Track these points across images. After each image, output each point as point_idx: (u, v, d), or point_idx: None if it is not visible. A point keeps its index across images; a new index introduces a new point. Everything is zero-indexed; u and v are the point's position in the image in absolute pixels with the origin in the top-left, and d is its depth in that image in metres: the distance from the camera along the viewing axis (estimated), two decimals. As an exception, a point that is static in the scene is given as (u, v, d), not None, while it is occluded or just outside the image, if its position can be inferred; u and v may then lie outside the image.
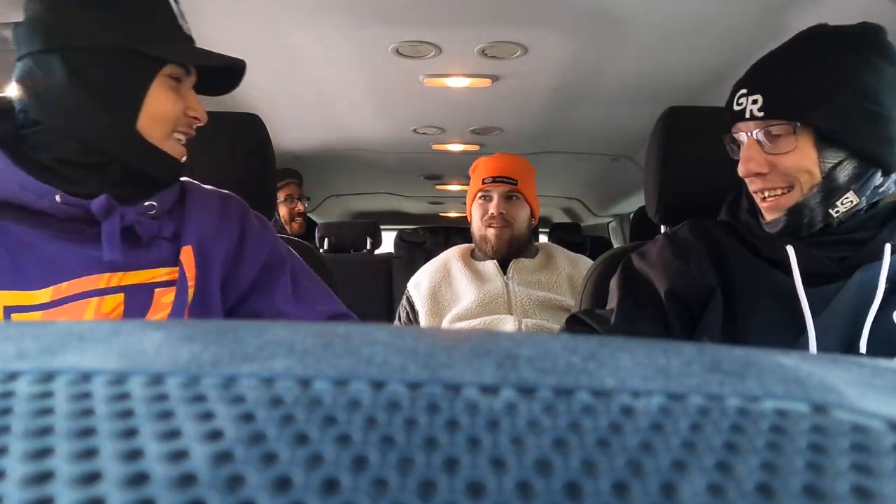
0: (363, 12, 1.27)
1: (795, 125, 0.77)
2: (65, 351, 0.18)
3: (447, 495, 0.13)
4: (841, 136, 0.76)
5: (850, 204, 0.78)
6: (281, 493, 0.12)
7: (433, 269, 1.65)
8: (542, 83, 1.70)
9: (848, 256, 0.80)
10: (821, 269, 0.80)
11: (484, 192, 1.60)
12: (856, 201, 0.78)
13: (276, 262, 0.88)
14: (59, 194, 0.72)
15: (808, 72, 0.78)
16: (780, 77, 0.79)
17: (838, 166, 0.77)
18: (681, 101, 1.20)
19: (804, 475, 0.13)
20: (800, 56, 0.80)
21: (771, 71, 0.81)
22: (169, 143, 0.78)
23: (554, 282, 1.56)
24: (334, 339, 0.18)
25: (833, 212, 0.78)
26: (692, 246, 0.88)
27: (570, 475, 0.13)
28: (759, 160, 0.80)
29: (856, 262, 0.79)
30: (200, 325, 0.20)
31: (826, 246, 0.81)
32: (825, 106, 0.76)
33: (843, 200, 0.78)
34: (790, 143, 0.78)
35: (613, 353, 0.18)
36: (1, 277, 0.70)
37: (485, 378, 0.16)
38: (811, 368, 0.18)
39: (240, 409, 0.15)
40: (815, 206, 0.78)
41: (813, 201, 0.78)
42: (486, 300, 1.51)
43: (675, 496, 0.13)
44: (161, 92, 0.76)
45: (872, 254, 0.78)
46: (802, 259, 0.80)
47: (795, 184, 0.79)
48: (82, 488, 0.12)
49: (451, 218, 4.68)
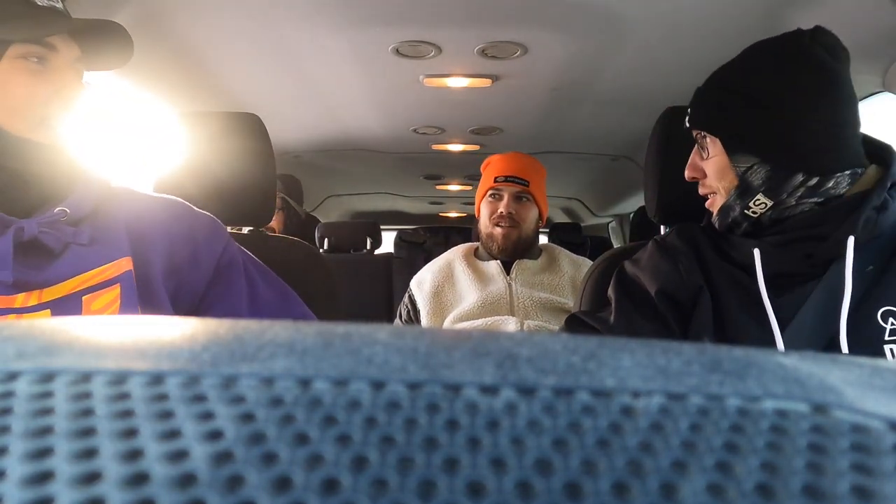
0: (363, 12, 1.27)
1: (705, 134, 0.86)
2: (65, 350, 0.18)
3: (447, 495, 0.13)
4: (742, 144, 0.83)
5: (764, 205, 0.83)
6: (281, 493, 0.12)
7: (437, 268, 1.65)
8: (542, 83, 1.70)
9: (812, 254, 0.81)
10: (787, 269, 0.82)
11: (494, 191, 1.59)
12: (769, 203, 0.82)
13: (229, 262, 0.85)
14: None
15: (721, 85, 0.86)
16: (702, 90, 0.88)
17: (749, 171, 0.83)
18: (681, 101, 1.20)
19: (804, 475, 0.13)
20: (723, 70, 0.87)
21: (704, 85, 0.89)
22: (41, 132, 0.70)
23: (557, 283, 1.57)
24: (334, 339, 0.18)
25: (749, 212, 0.84)
26: (679, 249, 0.90)
27: (570, 475, 0.13)
28: (694, 166, 0.90)
29: (823, 259, 0.80)
30: (200, 325, 0.20)
31: (790, 245, 0.82)
32: (728, 117, 0.83)
33: (756, 202, 0.83)
34: (712, 150, 0.86)
35: (613, 353, 0.18)
36: None
37: (485, 378, 0.16)
38: (811, 368, 0.18)
39: (240, 409, 0.15)
40: (736, 206, 0.85)
41: (734, 203, 0.85)
42: (489, 300, 1.51)
43: (675, 496, 0.13)
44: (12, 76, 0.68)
45: (835, 248, 0.79)
46: (768, 261, 0.82)
47: (718, 188, 0.87)
48: (82, 488, 0.12)
49: (451, 218, 4.68)
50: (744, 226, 0.86)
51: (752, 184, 0.83)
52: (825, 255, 0.80)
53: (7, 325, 0.21)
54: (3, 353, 0.18)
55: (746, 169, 0.83)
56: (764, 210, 0.83)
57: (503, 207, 1.57)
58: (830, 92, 0.79)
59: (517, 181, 1.57)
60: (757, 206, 0.83)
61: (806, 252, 0.81)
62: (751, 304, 0.83)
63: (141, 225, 0.78)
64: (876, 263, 0.79)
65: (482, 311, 1.50)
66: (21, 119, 0.69)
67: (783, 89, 0.79)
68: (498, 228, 1.58)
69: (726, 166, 0.84)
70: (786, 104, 0.79)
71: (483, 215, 1.62)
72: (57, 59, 0.71)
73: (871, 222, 0.78)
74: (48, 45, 0.70)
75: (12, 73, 0.69)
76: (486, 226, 1.61)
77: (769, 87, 0.80)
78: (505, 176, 1.57)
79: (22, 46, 0.68)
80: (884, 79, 1.25)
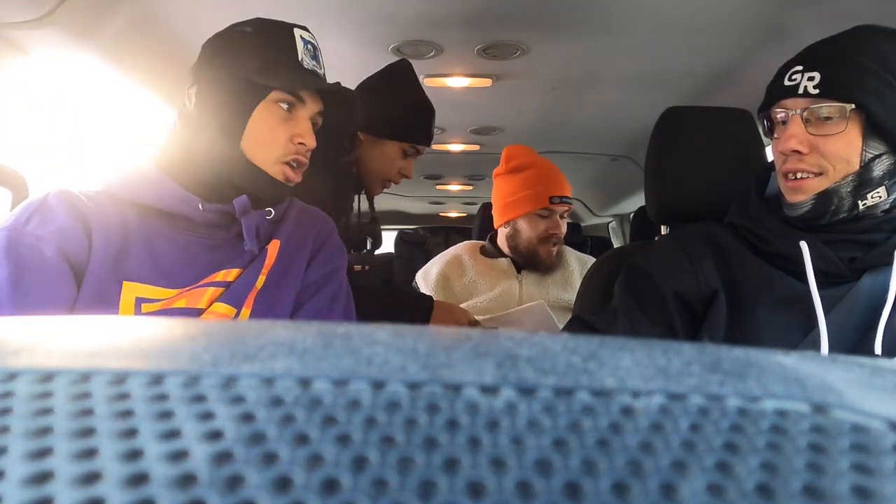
0: (363, 12, 1.27)
1: (849, 108, 0.75)
2: (64, 350, 0.18)
3: (447, 495, 0.12)
4: (890, 128, 0.75)
5: (879, 198, 0.77)
6: (281, 493, 0.12)
7: (444, 260, 1.66)
8: (542, 83, 1.70)
9: (857, 257, 0.79)
10: (829, 269, 0.79)
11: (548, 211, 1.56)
12: (885, 197, 0.77)
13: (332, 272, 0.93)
14: (200, 202, 0.81)
15: (868, 60, 0.76)
16: (841, 59, 0.77)
17: (877, 159, 0.76)
18: (681, 101, 1.20)
19: (804, 475, 0.13)
20: (859, 45, 0.78)
21: (830, 52, 0.79)
22: (276, 168, 0.84)
23: (565, 280, 1.58)
24: (334, 339, 0.18)
25: (861, 203, 0.77)
26: (696, 247, 0.88)
27: (570, 475, 0.13)
28: (801, 138, 0.78)
29: (864, 265, 0.79)
30: (200, 325, 0.20)
31: (837, 244, 0.80)
32: (882, 94, 0.75)
33: (873, 194, 0.77)
34: (839, 125, 0.76)
35: (613, 353, 0.18)
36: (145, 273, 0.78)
37: (485, 378, 0.16)
38: (811, 368, 0.18)
39: (240, 409, 0.15)
40: (846, 194, 0.77)
41: (844, 189, 0.77)
42: (500, 296, 1.52)
43: (675, 496, 0.13)
44: (265, 117, 0.82)
45: (882, 257, 0.78)
46: (813, 256, 0.79)
47: (829, 169, 0.77)
48: (82, 488, 0.12)
49: (452, 218, 4.67)
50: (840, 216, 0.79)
51: (873, 172, 0.76)
52: (869, 261, 0.79)
53: (7, 324, 0.21)
54: (4, 352, 0.18)
55: (875, 156, 0.76)
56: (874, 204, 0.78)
57: (555, 228, 1.55)
58: None
59: (569, 201, 1.57)
60: (872, 199, 0.77)
61: (852, 255, 0.79)
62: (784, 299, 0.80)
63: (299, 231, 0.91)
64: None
65: (493, 306, 1.51)
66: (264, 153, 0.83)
67: None
68: (545, 247, 1.56)
69: (857, 148, 0.76)
70: None
71: (526, 230, 1.57)
72: (302, 111, 0.84)
73: None
74: (299, 97, 0.83)
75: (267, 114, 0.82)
76: (532, 243, 1.57)
77: None
78: (560, 197, 1.55)
79: (278, 93, 0.82)
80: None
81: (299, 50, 0.83)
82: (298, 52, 0.83)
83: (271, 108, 0.82)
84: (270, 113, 0.82)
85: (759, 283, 0.83)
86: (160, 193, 0.81)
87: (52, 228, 0.75)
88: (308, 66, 0.84)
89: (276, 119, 0.82)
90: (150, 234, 0.80)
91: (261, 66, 0.81)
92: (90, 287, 0.75)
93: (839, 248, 0.80)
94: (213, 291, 0.80)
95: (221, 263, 0.82)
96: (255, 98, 0.82)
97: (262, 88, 0.81)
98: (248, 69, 0.81)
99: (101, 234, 0.77)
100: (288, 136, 0.83)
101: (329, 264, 0.92)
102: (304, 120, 0.85)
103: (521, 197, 1.57)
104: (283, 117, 0.83)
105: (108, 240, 0.77)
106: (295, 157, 0.84)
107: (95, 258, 0.76)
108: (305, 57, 0.84)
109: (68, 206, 0.77)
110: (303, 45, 0.84)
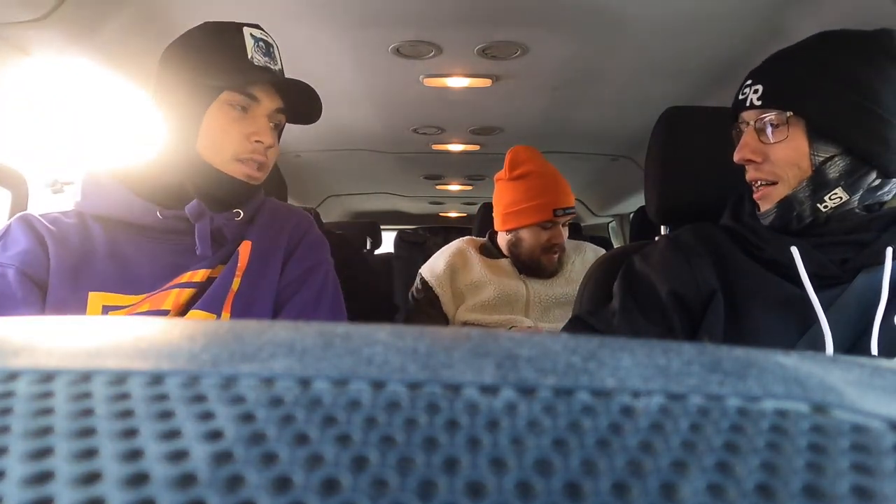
0: (363, 12, 1.27)
1: (788, 115, 0.78)
2: (65, 350, 0.18)
3: (447, 495, 0.12)
4: (832, 130, 0.76)
5: (839, 200, 0.78)
6: (281, 493, 0.12)
7: (449, 253, 1.65)
8: (542, 83, 1.70)
9: (849, 259, 0.79)
10: (822, 272, 0.80)
11: (551, 223, 1.55)
12: (845, 198, 0.78)
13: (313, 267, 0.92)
14: (159, 210, 0.82)
15: (809, 66, 0.78)
16: (782, 69, 0.81)
17: (829, 161, 0.77)
18: (681, 101, 1.20)
19: (804, 475, 0.13)
20: (805, 52, 0.80)
21: (775, 63, 0.82)
22: (233, 167, 0.85)
23: (568, 272, 1.59)
24: (334, 339, 0.18)
25: (821, 206, 0.79)
26: (694, 248, 0.88)
27: (570, 475, 0.13)
28: (752, 147, 0.81)
29: (857, 265, 0.79)
30: (200, 325, 0.20)
31: (827, 247, 0.80)
32: (819, 98, 0.76)
33: (832, 196, 0.78)
34: (783, 132, 0.79)
35: (613, 354, 0.18)
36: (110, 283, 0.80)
37: (485, 378, 0.16)
38: (811, 368, 0.18)
39: (240, 409, 0.15)
40: (804, 199, 0.79)
41: (802, 195, 0.79)
42: (508, 295, 1.52)
43: (675, 496, 0.13)
44: (217, 118, 0.83)
45: (874, 256, 0.78)
46: (804, 260, 0.79)
47: (783, 176, 0.80)
48: (82, 488, 0.12)
49: (452, 218, 4.68)
50: (805, 221, 0.80)
51: (828, 176, 0.77)
52: (861, 261, 0.78)
53: (7, 324, 0.21)
54: (4, 352, 0.18)
55: (826, 159, 0.77)
56: (837, 206, 0.78)
57: (557, 238, 1.54)
58: None
59: (572, 211, 1.56)
60: (832, 200, 0.78)
61: (843, 256, 0.79)
62: (779, 303, 0.80)
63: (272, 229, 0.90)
64: None
65: (499, 303, 1.51)
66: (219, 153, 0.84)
67: (879, 83, 0.75)
68: (549, 256, 1.56)
69: (804, 153, 0.78)
70: (882, 97, 0.75)
71: (529, 240, 1.56)
72: (258, 110, 0.85)
73: None
74: (251, 95, 0.84)
75: (220, 114, 0.83)
76: (535, 252, 1.56)
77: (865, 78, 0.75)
78: (564, 209, 1.54)
79: (230, 94, 0.83)
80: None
81: (248, 48, 0.84)
82: (248, 51, 0.84)
83: (224, 109, 0.83)
84: (224, 113, 0.83)
85: (755, 287, 0.83)
86: (119, 205, 0.83)
87: (12, 253, 0.78)
88: (259, 64, 0.84)
89: (228, 119, 0.83)
90: (117, 245, 0.83)
91: (209, 68, 0.82)
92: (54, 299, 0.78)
93: (830, 251, 0.80)
94: (179, 293, 0.81)
95: (187, 266, 0.83)
96: (206, 100, 0.83)
97: (213, 89, 0.82)
98: (197, 72, 0.82)
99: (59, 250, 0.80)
100: (243, 134, 0.84)
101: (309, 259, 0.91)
102: (260, 118, 0.85)
103: (524, 208, 1.55)
104: (236, 117, 0.84)
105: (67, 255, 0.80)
106: (252, 155, 0.85)
107: (54, 274, 0.79)
108: (256, 54, 0.84)
109: (27, 229, 0.81)
110: (253, 43, 0.84)
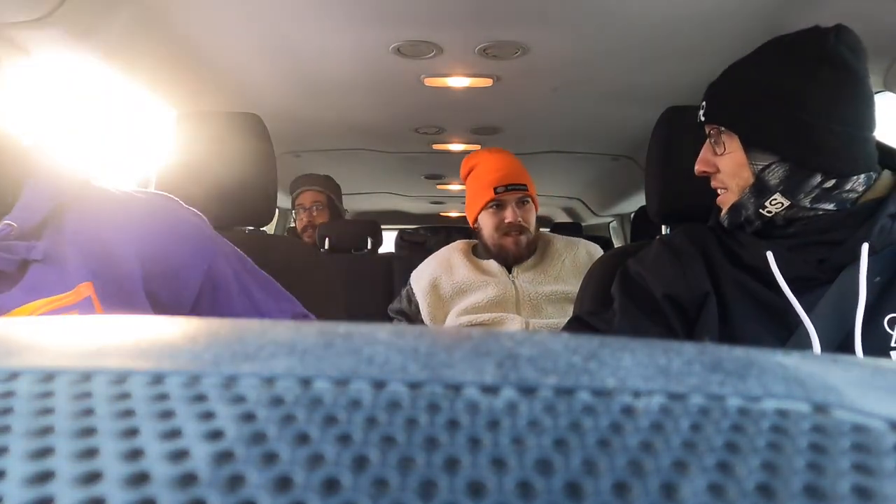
0: (363, 12, 1.27)
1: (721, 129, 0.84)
2: (65, 349, 0.18)
3: (447, 495, 0.12)
4: (762, 142, 0.81)
5: (780, 205, 0.81)
6: (281, 492, 0.12)
7: (435, 262, 1.64)
8: (543, 83, 1.70)
9: (825, 259, 0.79)
10: (799, 273, 0.80)
11: (497, 202, 1.54)
12: (785, 203, 0.81)
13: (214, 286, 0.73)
14: None
15: (739, 83, 0.84)
16: (721, 85, 0.87)
17: (767, 169, 0.81)
18: (681, 100, 1.20)
19: (805, 475, 0.13)
20: (738, 69, 0.86)
21: (717, 81, 0.88)
22: None
23: (558, 271, 1.56)
24: (335, 339, 0.18)
25: (764, 212, 0.83)
26: (686, 250, 0.89)
27: (571, 475, 0.13)
28: (704, 159, 0.88)
29: (835, 265, 0.79)
30: (201, 325, 0.20)
31: (803, 248, 0.81)
32: (746, 114, 0.82)
33: (772, 201, 0.82)
34: (723, 146, 0.85)
35: (614, 353, 0.18)
36: None
37: (485, 378, 0.16)
38: (812, 368, 0.18)
39: (240, 409, 0.15)
40: (750, 205, 0.84)
41: (748, 201, 0.84)
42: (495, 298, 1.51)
43: (675, 496, 0.13)
44: None
45: (850, 254, 0.78)
46: (781, 264, 0.80)
47: (731, 185, 0.86)
48: (83, 488, 0.12)
49: (452, 218, 4.68)
50: (756, 224, 0.84)
51: (768, 183, 0.81)
52: (838, 260, 0.79)
53: (7, 324, 0.21)
54: (4, 352, 0.18)
55: (764, 167, 0.81)
56: (779, 210, 0.82)
57: (510, 216, 1.53)
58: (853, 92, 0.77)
59: (518, 188, 1.53)
60: (773, 205, 0.82)
61: (819, 257, 0.80)
62: (762, 308, 0.81)
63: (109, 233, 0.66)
64: (884, 275, 0.78)
65: (489, 304, 1.50)
66: None
67: (806, 87, 0.77)
68: (508, 238, 1.55)
69: (743, 163, 0.83)
70: (809, 102, 0.77)
71: (487, 226, 1.57)
72: None
73: (886, 230, 0.77)
74: None
75: None
76: (493, 237, 1.56)
77: (792, 85, 0.78)
78: (505, 185, 1.52)
79: None
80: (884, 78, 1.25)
81: None
82: None
83: None
84: None
85: (739, 294, 0.84)
86: None
87: None
88: None
89: None
90: None
91: None
92: None
93: (806, 252, 0.81)
94: None
95: None
96: None
97: None
98: None
99: None
100: None
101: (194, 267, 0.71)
102: None
103: (472, 198, 1.59)
104: None
105: None
106: None
107: None
108: None
109: None
110: None
